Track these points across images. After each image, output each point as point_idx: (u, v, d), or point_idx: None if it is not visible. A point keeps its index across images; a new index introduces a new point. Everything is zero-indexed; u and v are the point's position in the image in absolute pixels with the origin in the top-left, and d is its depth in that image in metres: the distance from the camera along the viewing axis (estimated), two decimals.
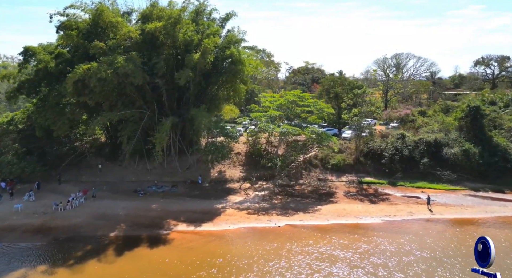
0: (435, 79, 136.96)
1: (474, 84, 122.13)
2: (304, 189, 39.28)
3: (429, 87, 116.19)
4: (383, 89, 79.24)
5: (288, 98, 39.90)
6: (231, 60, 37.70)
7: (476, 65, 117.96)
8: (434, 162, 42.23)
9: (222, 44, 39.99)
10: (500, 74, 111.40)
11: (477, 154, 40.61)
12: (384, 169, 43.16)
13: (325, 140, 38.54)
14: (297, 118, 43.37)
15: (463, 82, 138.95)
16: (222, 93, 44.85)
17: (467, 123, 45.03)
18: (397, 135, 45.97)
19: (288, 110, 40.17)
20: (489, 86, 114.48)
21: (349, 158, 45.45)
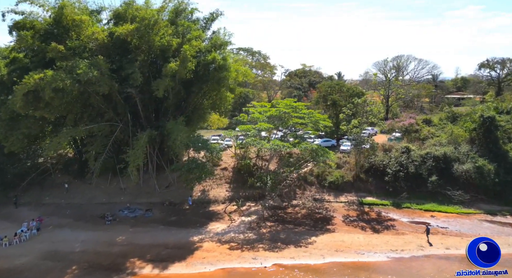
0: (437, 82, 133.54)
1: (479, 87, 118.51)
2: (298, 212, 35.04)
3: (431, 90, 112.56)
4: (384, 94, 75.24)
5: (280, 109, 35.67)
6: (214, 66, 33.46)
7: (480, 68, 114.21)
8: (443, 180, 38.10)
9: (206, 47, 35.79)
10: (506, 77, 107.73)
11: (493, 172, 36.55)
12: (388, 187, 39.02)
13: (321, 157, 34.35)
14: (290, 131, 39.20)
15: (466, 86, 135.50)
16: (208, 102, 40.64)
17: (479, 135, 41.01)
18: (401, 148, 41.85)
19: (280, 122, 35.93)
20: (494, 89, 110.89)
21: (348, 175, 41.28)
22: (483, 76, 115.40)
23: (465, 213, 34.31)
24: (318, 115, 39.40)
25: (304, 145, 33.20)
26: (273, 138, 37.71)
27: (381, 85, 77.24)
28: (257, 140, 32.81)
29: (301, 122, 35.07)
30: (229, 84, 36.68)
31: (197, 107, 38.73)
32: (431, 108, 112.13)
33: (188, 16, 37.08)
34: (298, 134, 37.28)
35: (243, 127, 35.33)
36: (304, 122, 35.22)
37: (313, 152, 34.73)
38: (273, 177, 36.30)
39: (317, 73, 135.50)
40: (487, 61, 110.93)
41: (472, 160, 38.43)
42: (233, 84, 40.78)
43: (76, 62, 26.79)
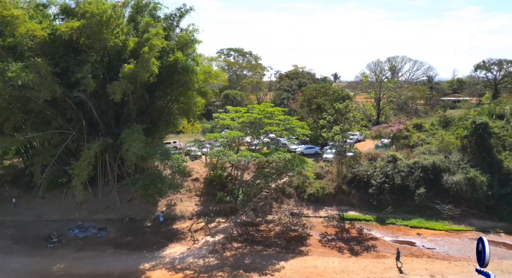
0: (432, 84, 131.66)
1: (475, 89, 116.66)
2: (271, 229, 32.08)
3: (425, 92, 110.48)
4: (375, 97, 72.69)
5: (253, 115, 32.74)
6: (177, 68, 30.46)
7: (476, 70, 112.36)
8: (432, 192, 35.40)
9: (171, 47, 32.78)
10: (502, 79, 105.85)
11: (485, 184, 33.87)
12: (372, 200, 36.27)
13: (297, 167, 31.45)
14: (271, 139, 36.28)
15: (462, 87, 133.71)
16: (178, 106, 37.60)
17: (472, 143, 38.36)
18: (388, 157, 39.10)
19: (252, 129, 32.99)
20: (491, 91, 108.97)
21: (329, 186, 38.49)
22: (479, 77, 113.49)
23: (455, 230, 31.56)
24: (296, 121, 36.56)
25: (277, 155, 30.27)
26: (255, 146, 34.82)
27: (371, 87, 74.59)
28: (222, 151, 29.82)
29: (275, 129, 32.07)
30: (196, 87, 33.65)
31: (163, 112, 35.64)
32: (426, 110, 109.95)
33: (153, 13, 34.03)
34: (271, 142, 34.20)
35: (210, 136, 32.34)
36: (278, 129, 32.23)
37: (287, 163, 31.84)
38: (245, 190, 33.31)
39: (309, 75, 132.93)
40: (483, 62, 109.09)
41: (463, 170, 35.75)
42: (204, 87, 37.83)
43: (9, 64, 23.65)
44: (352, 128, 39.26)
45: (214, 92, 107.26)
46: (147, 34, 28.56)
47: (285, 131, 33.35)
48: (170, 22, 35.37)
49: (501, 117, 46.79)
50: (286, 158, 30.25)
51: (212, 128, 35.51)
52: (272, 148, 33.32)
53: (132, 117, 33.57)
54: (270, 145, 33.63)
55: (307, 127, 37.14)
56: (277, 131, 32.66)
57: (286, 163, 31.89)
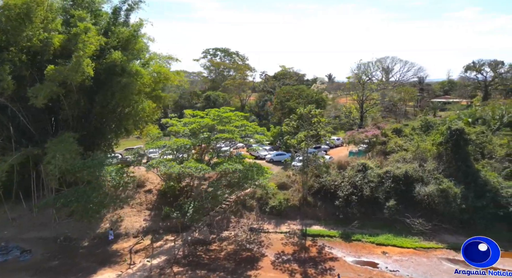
0: (423, 85, 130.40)
1: (465, 91, 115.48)
2: (223, 248, 29.46)
3: (414, 94, 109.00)
4: (357, 100, 70.60)
5: (205, 121, 30.17)
6: (116, 70, 27.81)
7: (466, 71, 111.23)
8: (403, 205, 33.18)
9: (112, 45, 30.09)
10: (493, 80, 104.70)
11: (459, 196, 31.67)
12: (338, 214, 33.89)
13: (250, 180, 28.94)
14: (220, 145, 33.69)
15: (453, 89, 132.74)
16: (125, 112, 34.88)
17: (447, 150, 36.19)
18: (358, 166, 36.80)
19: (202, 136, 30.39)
20: (482, 93, 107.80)
21: (294, 198, 36.11)
22: (469, 79, 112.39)
23: (424, 248, 29.25)
24: (255, 127, 34.09)
25: (226, 166, 27.68)
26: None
27: (354, 89, 72.54)
28: (162, 162, 27.15)
29: (226, 137, 29.46)
30: (148, 90, 30.96)
31: (109, 118, 32.89)
32: (415, 113, 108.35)
33: (93, 6, 31.10)
34: (221, 151, 31.55)
35: (152, 145, 29.67)
36: (230, 137, 29.60)
37: (240, 174, 29.31)
38: (197, 204, 30.66)
39: (297, 75, 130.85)
40: (473, 63, 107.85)
41: (436, 181, 33.54)
42: (157, 90, 35.19)
43: None
44: (321, 134, 36.88)
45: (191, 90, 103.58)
46: (75, 29, 25.82)
47: (241, 139, 30.77)
48: (115, 17, 32.59)
49: (482, 122, 44.86)
50: (237, 169, 27.65)
51: (160, 134, 32.70)
52: (223, 156, 30.74)
53: (70, 124, 30.81)
54: (220, 153, 30.95)
55: (268, 133, 34.63)
56: (230, 139, 30.01)
57: (241, 174, 29.32)
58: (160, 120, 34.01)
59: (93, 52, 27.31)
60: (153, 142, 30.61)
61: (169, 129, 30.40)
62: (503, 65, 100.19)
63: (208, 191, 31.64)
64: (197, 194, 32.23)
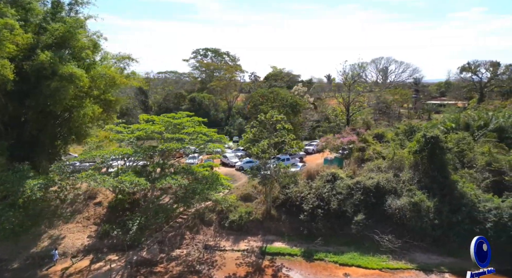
0: (419, 86, 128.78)
1: (460, 93, 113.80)
2: (169, 271, 27.36)
3: (408, 96, 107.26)
4: (343, 102, 68.62)
5: (150, 129, 28.11)
6: (44, 73, 25.72)
7: (462, 72, 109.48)
8: (373, 219, 31.20)
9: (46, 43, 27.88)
10: (489, 82, 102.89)
11: (432, 210, 29.66)
12: (302, 229, 31.83)
13: (198, 195, 26.84)
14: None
15: (450, 90, 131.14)
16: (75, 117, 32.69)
17: (424, 159, 34.15)
18: (327, 175, 34.77)
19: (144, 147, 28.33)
20: (478, 95, 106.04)
21: (258, 211, 34.06)
22: (464, 80, 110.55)
23: (391, 269, 27.16)
24: (212, 134, 32.04)
25: (168, 181, 25.58)
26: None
27: (338, 91, 70.59)
28: (93, 175, 25.01)
29: (172, 147, 27.33)
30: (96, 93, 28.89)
31: (48, 125, 30.76)
32: (410, 115, 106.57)
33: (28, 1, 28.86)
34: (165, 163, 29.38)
35: (85, 154, 27.51)
36: (177, 147, 27.50)
37: (191, 188, 27.20)
38: (143, 221, 28.55)
39: (288, 76, 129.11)
40: (468, 64, 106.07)
41: (409, 193, 31.52)
42: (108, 94, 33.14)
43: None
44: (287, 142, 34.85)
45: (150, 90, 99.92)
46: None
47: (189, 148, 28.69)
48: (54, 13, 30.42)
49: (465, 128, 42.80)
50: (182, 184, 25.54)
51: (100, 142, 30.59)
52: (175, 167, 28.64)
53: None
54: (165, 165, 28.78)
55: (227, 140, 32.57)
56: (177, 149, 27.89)
57: (190, 188, 27.24)
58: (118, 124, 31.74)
59: (17, 52, 25.21)
60: (90, 151, 28.47)
61: (111, 136, 28.28)
62: (499, 66, 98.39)
63: (159, 205, 29.61)
64: (145, 209, 30.09)
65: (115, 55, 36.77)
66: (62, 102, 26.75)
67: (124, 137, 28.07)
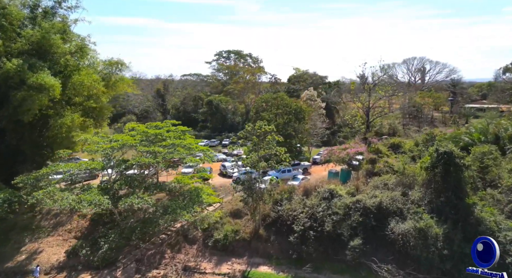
0: (457, 88, 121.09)
1: (503, 96, 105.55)
2: None
3: (441, 99, 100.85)
4: (362, 107, 64.76)
5: (124, 140, 27.05)
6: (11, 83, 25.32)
7: (505, 73, 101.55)
8: (372, 245, 28.18)
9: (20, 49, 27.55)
10: None
11: (441, 238, 26.22)
12: (292, 252, 29.42)
13: (174, 214, 25.28)
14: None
15: (491, 92, 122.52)
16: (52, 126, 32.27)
17: (437, 177, 30.56)
18: (324, 192, 32.14)
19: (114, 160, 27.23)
20: None
21: (246, 229, 32.03)
22: (507, 81, 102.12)
23: None
24: (197, 145, 30.52)
25: (132, 200, 24.19)
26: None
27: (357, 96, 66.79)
28: (52, 191, 24.12)
29: (144, 162, 26.01)
30: (77, 100, 28.31)
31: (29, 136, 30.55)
32: (444, 120, 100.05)
33: None
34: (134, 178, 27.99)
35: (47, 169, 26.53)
36: (149, 162, 26.14)
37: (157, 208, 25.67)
38: (115, 239, 27.45)
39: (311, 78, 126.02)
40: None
41: (415, 216, 28.22)
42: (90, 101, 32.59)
43: None
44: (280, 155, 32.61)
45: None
46: None
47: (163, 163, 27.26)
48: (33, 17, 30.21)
49: (495, 141, 38.18)
50: (148, 204, 24.10)
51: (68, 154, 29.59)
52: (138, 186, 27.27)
53: None
54: (135, 181, 27.47)
55: (210, 152, 30.91)
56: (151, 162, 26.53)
57: (161, 208, 25.81)
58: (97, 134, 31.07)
59: None
60: (57, 164, 27.76)
61: (85, 148, 27.43)
62: None
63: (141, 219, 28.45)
64: (121, 225, 29.04)
65: (106, 60, 36.35)
66: (30, 112, 26.30)
67: (99, 148, 27.12)
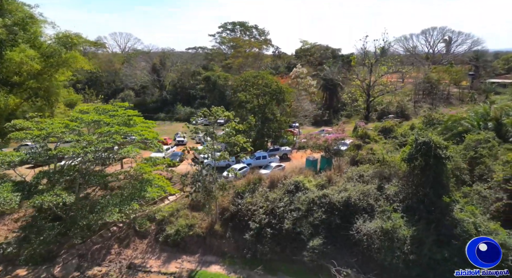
0: (480, 62, 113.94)
1: None
2: None
3: (459, 74, 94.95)
4: (361, 85, 60.95)
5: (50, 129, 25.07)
6: None
7: None
8: (334, 246, 26.01)
9: None
10: None
11: (408, 241, 23.72)
12: (246, 251, 27.57)
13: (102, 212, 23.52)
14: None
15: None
16: None
17: (416, 170, 27.61)
18: (289, 184, 29.81)
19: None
20: None
21: (202, 224, 30.25)
22: None
23: None
24: (145, 132, 28.32)
25: (46, 198, 22.40)
26: None
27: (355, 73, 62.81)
28: None
29: (68, 150, 23.99)
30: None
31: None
32: (461, 96, 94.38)
33: None
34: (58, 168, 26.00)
35: None
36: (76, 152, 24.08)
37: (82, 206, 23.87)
38: (52, 231, 26.14)
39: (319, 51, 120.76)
40: None
41: (382, 215, 25.68)
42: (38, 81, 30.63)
43: None
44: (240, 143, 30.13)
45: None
46: None
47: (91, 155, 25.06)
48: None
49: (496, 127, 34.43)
50: (66, 200, 22.25)
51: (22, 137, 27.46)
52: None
53: None
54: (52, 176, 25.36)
55: (157, 141, 28.71)
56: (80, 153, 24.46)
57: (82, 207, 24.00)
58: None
59: None
60: None
61: (11, 135, 25.53)
62: None
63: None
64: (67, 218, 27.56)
65: (57, 34, 34.08)
66: None
67: (26, 135, 25.28)
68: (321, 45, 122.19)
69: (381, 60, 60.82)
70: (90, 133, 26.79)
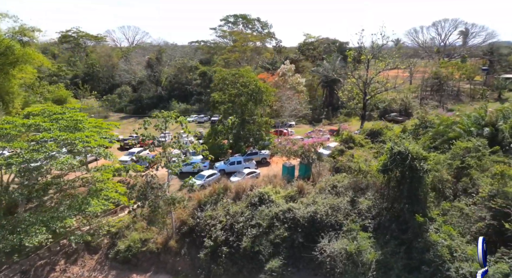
0: (494, 56, 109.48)
1: None
2: None
3: (470, 70, 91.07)
4: (356, 83, 58.03)
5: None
6: None
7: None
8: (296, 267, 24.03)
9: None
10: None
11: (374, 266, 21.51)
12: (200, 271, 25.72)
13: (25, 232, 21.69)
14: None
15: None
16: None
17: (392, 182, 25.28)
18: (253, 196, 27.78)
19: None
20: None
21: (158, 239, 28.44)
22: None
23: None
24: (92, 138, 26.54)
25: None
26: None
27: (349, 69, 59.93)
28: None
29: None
30: None
31: None
32: (472, 93, 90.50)
33: None
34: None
35: None
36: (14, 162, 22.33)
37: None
38: None
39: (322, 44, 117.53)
40: None
41: (348, 234, 23.50)
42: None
43: None
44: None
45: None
46: None
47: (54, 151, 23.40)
48: None
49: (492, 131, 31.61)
50: None
51: None
52: None
53: None
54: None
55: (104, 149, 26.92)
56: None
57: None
58: None
59: None
60: None
61: None
62: None
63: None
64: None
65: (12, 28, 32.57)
66: None
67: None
68: (327, 38, 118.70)
69: (378, 56, 57.71)
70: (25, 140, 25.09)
